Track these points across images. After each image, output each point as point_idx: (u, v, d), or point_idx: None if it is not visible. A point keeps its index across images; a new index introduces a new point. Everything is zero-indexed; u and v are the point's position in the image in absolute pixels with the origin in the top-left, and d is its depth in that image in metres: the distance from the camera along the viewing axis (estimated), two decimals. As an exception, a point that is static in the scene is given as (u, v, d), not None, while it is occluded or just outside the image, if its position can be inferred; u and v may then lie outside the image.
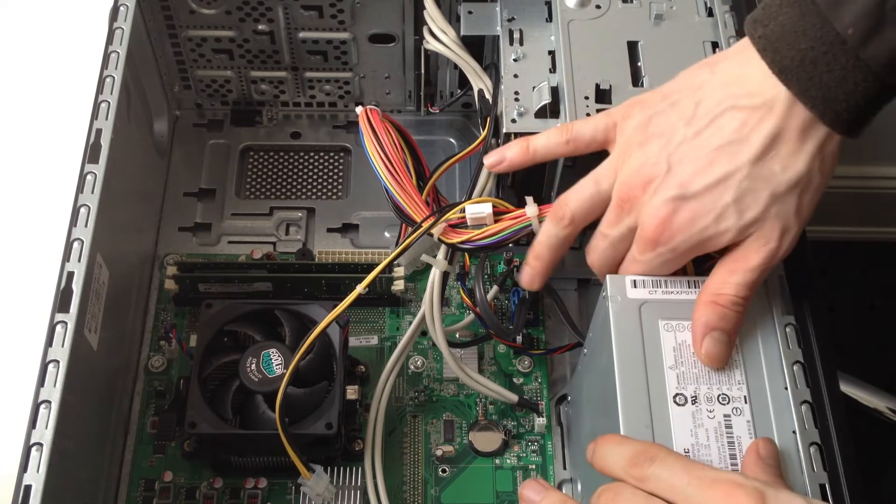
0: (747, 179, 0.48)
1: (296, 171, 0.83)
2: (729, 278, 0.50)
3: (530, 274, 0.58)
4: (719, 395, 0.50)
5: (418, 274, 0.75)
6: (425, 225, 0.58)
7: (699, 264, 0.54)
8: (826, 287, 0.58)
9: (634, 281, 0.53)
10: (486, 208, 0.58)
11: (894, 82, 0.46)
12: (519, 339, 0.69)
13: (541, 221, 0.57)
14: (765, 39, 0.48)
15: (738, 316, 0.50)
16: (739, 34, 0.71)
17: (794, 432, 0.50)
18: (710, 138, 0.50)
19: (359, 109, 0.62)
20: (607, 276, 0.53)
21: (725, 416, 0.49)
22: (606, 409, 0.52)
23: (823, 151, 0.48)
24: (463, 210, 0.58)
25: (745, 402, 0.50)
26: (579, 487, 0.64)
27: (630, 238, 0.53)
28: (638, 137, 0.52)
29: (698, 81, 0.51)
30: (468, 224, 0.58)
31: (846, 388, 1.12)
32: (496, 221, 0.58)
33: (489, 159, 0.61)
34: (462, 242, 0.58)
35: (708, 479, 0.44)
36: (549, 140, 0.58)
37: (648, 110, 0.52)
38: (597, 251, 0.55)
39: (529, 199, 0.58)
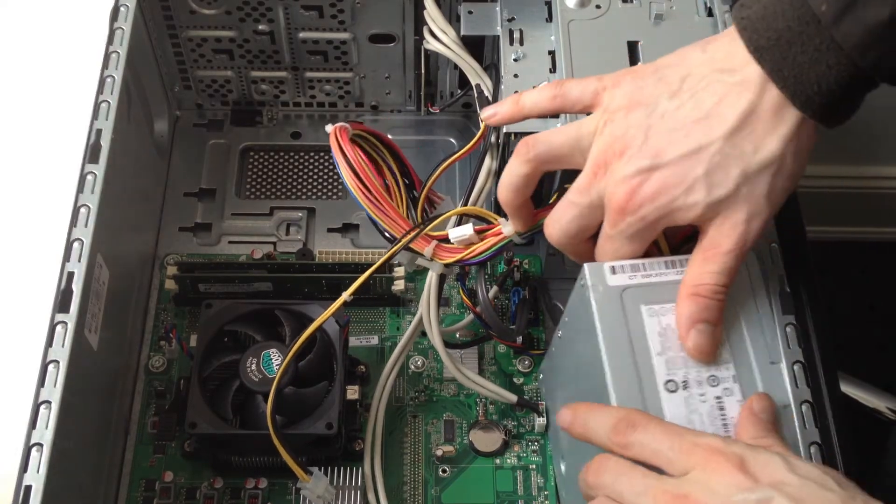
0: (719, 154, 0.48)
1: (296, 171, 0.82)
2: (705, 267, 0.50)
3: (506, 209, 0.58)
4: (709, 377, 0.50)
5: (419, 274, 0.75)
6: (404, 240, 0.60)
7: (675, 247, 0.54)
8: (826, 287, 0.58)
9: (613, 267, 0.52)
10: (467, 230, 0.60)
11: (866, 66, 0.45)
12: (519, 339, 0.69)
13: (520, 235, 0.58)
14: (746, 20, 0.48)
15: (721, 304, 0.50)
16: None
17: (784, 407, 0.50)
18: (689, 111, 0.49)
19: (329, 128, 0.61)
20: (585, 265, 0.53)
21: (717, 397, 0.50)
22: (596, 399, 0.51)
23: (799, 137, 0.48)
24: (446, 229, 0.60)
25: (735, 382, 0.50)
26: (563, 468, 0.64)
27: (596, 210, 0.52)
28: (623, 103, 0.52)
29: (689, 57, 0.51)
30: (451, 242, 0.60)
31: (846, 388, 1.12)
32: (482, 239, 0.60)
33: (485, 113, 0.60)
34: (455, 262, 0.60)
35: (689, 444, 0.44)
36: (538, 94, 0.57)
37: (638, 81, 0.52)
38: (560, 221, 0.54)
39: (502, 220, 0.59)
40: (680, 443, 0.45)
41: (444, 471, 0.67)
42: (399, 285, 0.72)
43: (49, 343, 0.55)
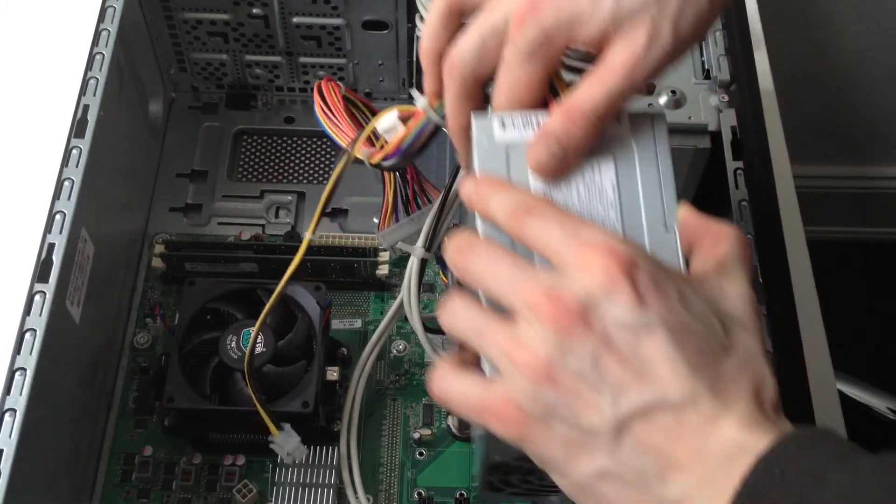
0: None
1: (288, 155, 0.83)
2: (586, 90, 0.45)
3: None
4: None
5: (403, 259, 0.76)
6: (347, 147, 0.57)
7: None
8: (826, 287, 0.58)
9: (502, 120, 0.46)
10: (391, 118, 0.55)
11: None
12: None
13: (435, 110, 0.52)
14: None
15: (585, 135, 0.45)
16: (729, 52, 0.70)
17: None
18: None
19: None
20: (472, 113, 0.47)
21: None
22: None
23: None
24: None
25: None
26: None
27: (499, 35, 0.46)
28: None
29: None
30: (386, 141, 0.56)
31: (846, 389, 1.12)
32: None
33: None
34: (385, 157, 0.56)
35: (583, 241, 0.41)
36: None
37: None
38: (459, 46, 0.47)
39: (416, 93, 0.54)
40: (575, 237, 0.41)
41: (420, 454, 0.68)
42: (383, 269, 0.73)
43: (27, 311, 0.56)
